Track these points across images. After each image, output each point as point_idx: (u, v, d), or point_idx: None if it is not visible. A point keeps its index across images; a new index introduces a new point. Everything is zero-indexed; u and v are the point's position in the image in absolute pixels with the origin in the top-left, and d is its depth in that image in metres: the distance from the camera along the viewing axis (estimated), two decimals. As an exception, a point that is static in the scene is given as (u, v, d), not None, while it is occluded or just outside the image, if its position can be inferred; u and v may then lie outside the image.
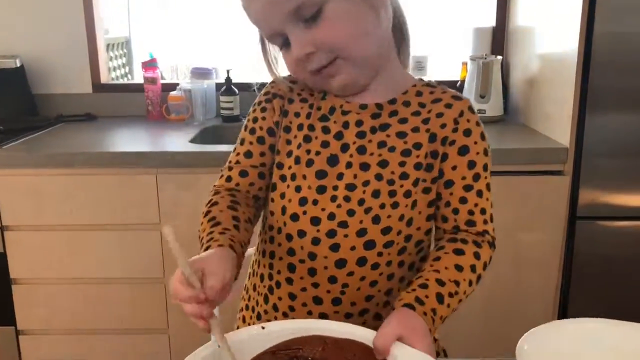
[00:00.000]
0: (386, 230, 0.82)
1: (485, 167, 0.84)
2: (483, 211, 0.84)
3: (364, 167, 0.83)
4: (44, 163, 1.73)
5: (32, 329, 1.85)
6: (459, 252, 0.80)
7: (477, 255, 0.81)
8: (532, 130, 1.95)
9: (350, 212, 0.82)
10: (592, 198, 1.73)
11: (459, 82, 2.21)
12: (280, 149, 0.88)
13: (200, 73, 2.23)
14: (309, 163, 0.84)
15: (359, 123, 0.85)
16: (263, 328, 0.71)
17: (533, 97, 1.99)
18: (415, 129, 0.84)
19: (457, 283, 0.77)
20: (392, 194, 0.82)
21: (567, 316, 1.82)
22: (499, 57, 2.09)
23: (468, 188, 0.83)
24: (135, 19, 3.35)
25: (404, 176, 0.82)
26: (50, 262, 1.80)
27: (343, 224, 0.82)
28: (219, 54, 3.14)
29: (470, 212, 0.83)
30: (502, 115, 2.11)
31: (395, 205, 0.82)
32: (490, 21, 2.26)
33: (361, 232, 0.82)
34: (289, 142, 0.87)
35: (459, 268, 0.78)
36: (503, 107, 2.13)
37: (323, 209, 0.83)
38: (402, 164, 0.82)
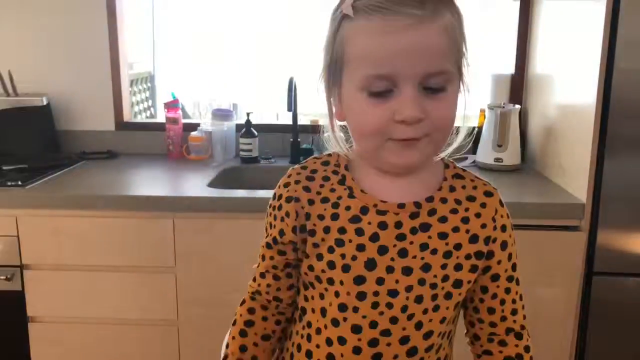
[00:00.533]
0: (428, 335, 0.81)
1: (516, 255, 0.87)
2: (521, 297, 0.87)
3: (407, 271, 0.79)
4: (64, 204, 1.77)
5: (47, 367, 1.88)
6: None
7: (527, 349, 0.87)
8: (547, 181, 1.94)
9: (393, 320, 0.79)
10: (610, 252, 1.69)
11: (476, 129, 2.21)
12: (308, 252, 0.83)
13: (221, 115, 2.28)
14: (346, 268, 0.79)
15: (398, 225, 0.80)
16: None
17: (549, 147, 1.98)
18: (455, 229, 0.81)
19: None
20: (434, 297, 0.80)
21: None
22: (517, 106, 2.09)
23: (510, 279, 0.85)
24: (160, 54, 3.43)
25: (445, 279, 0.80)
26: (67, 302, 1.82)
27: (386, 332, 0.79)
28: (241, 89, 3.20)
29: (514, 301, 0.86)
30: (519, 164, 2.11)
31: (436, 308, 0.80)
32: (509, 68, 2.27)
33: (404, 340, 0.80)
34: (315, 245, 0.81)
35: None
36: (520, 156, 2.12)
37: (364, 317, 0.79)
38: (443, 266, 0.80)
